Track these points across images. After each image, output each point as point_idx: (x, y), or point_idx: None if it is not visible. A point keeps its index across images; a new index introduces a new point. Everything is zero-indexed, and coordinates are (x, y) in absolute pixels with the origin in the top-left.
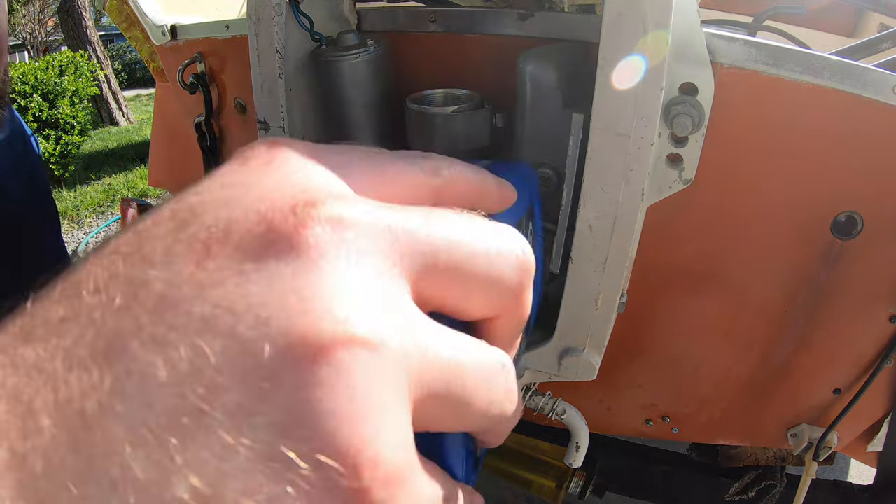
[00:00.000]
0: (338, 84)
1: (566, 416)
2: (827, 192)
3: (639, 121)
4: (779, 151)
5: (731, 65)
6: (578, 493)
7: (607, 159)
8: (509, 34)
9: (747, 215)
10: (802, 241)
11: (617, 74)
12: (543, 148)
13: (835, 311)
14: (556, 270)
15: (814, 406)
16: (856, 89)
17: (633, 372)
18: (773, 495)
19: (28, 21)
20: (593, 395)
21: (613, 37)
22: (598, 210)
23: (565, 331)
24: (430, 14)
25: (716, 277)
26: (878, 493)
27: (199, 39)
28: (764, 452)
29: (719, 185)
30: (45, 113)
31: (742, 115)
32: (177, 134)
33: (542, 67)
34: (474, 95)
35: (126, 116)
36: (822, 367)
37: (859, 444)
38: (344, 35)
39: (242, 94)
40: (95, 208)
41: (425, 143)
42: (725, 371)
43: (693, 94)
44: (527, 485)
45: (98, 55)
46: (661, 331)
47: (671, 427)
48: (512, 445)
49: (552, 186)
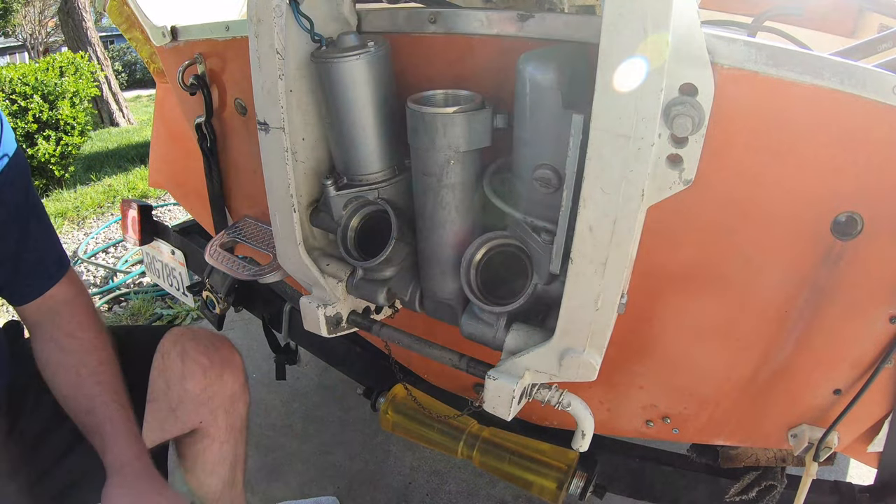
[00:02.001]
0: (338, 85)
1: (571, 406)
2: (827, 192)
3: (639, 122)
4: (779, 152)
5: (732, 65)
6: (579, 494)
7: (607, 160)
8: (509, 35)
9: (747, 216)
10: (802, 241)
11: (617, 76)
12: (543, 149)
13: (835, 311)
14: (556, 271)
15: (814, 406)
16: (856, 89)
17: (633, 373)
18: (773, 496)
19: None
20: (593, 396)
21: (613, 38)
22: (599, 211)
23: (565, 331)
24: (430, 15)
25: (716, 278)
26: (878, 494)
27: (200, 40)
28: (764, 453)
29: (719, 185)
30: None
31: (742, 116)
32: (177, 135)
33: (542, 68)
34: (475, 96)
35: (126, 117)
36: (822, 367)
37: (859, 444)
38: (344, 36)
39: (243, 95)
40: (96, 209)
41: (426, 144)
42: (726, 372)
43: (693, 94)
44: (527, 485)
45: (98, 56)
46: (661, 332)
47: (672, 428)
48: (512, 446)
49: (552, 187)
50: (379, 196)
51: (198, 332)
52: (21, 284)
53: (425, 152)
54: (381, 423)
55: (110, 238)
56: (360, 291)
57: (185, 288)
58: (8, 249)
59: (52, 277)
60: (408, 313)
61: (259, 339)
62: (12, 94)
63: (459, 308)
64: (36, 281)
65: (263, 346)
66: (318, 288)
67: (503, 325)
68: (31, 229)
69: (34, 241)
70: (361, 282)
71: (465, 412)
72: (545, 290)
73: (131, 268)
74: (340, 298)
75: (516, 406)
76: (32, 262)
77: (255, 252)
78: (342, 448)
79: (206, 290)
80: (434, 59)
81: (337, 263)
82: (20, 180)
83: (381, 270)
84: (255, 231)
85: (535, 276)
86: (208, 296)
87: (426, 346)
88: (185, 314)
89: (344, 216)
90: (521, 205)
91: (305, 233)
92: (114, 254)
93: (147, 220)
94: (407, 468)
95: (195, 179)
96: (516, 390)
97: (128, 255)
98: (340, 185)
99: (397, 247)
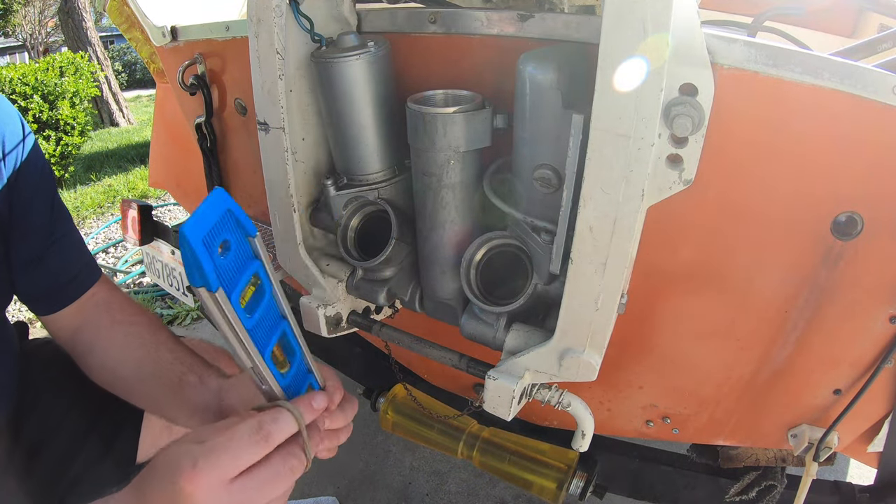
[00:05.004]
0: (338, 85)
1: (571, 406)
2: (827, 192)
3: (639, 122)
4: (779, 152)
5: (732, 65)
6: (579, 494)
7: (607, 160)
8: (509, 35)
9: (747, 216)
10: (803, 241)
11: (617, 76)
12: (543, 149)
13: (835, 311)
14: (556, 271)
15: (814, 406)
16: (856, 90)
17: (633, 373)
18: (773, 496)
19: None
20: (593, 396)
21: (613, 38)
22: (599, 211)
23: (565, 331)
24: (430, 15)
25: (716, 278)
26: (878, 494)
27: (200, 41)
28: (764, 453)
29: (719, 185)
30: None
31: (742, 116)
32: (177, 135)
33: (542, 68)
34: (475, 96)
35: (126, 117)
36: (822, 367)
37: (860, 444)
38: (344, 36)
39: (243, 95)
40: (96, 209)
41: (426, 144)
42: (726, 372)
43: (693, 94)
44: (527, 485)
45: (98, 56)
46: (661, 332)
47: (672, 428)
48: (512, 446)
49: (552, 187)
50: (379, 196)
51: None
52: (58, 288)
53: (425, 152)
54: (381, 423)
55: (110, 238)
56: (360, 291)
57: (185, 288)
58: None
59: (91, 274)
60: (408, 313)
61: None
62: (12, 94)
63: (459, 308)
64: (71, 285)
65: None
66: (318, 288)
67: (503, 326)
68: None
69: (66, 245)
70: (361, 282)
71: (465, 412)
72: (545, 290)
73: (131, 268)
74: (340, 298)
75: (516, 406)
76: (66, 265)
77: None
78: (342, 448)
79: None
80: (434, 59)
81: (337, 263)
82: (46, 188)
83: (381, 270)
84: None
85: (535, 276)
86: None
87: (426, 346)
88: (185, 314)
89: (344, 216)
90: (521, 205)
91: (305, 233)
92: (114, 254)
93: (147, 220)
94: (407, 468)
95: (195, 179)
96: (516, 390)
97: (128, 255)
98: (340, 185)
99: (397, 247)
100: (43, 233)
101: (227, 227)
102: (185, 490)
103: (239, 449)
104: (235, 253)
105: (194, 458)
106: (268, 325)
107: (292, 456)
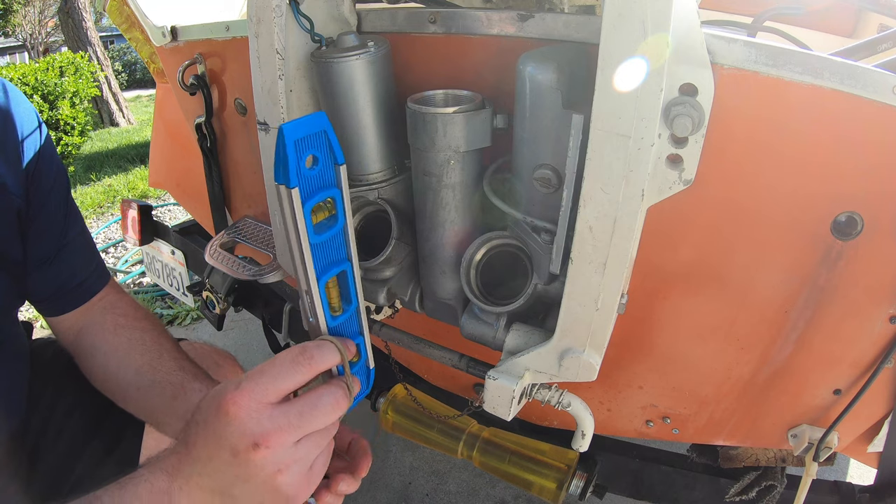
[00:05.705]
0: (338, 85)
1: (571, 407)
2: (827, 192)
3: (639, 122)
4: (779, 152)
5: (732, 65)
6: (579, 494)
7: (607, 160)
8: (509, 35)
9: (747, 216)
10: (802, 241)
11: (617, 76)
12: (543, 149)
13: (835, 311)
14: (556, 271)
15: (814, 406)
16: (856, 90)
17: (633, 373)
18: (773, 496)
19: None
20: (593, 396)
21: (613, 38)
22: (599, 211)
23: (565, 331)
24: (430, 15)
25: (715, 278)
26: (878, 494)
27: (200, 40)
28: (764, 453)
29: (719, 185)
30: (46, 114)
31: (742, 116)
32: (177, 135)
33: (542, 68)
34: (475, 96)
35: (126, 117)
36: (822, 367)
37: (860, 444)
38: (344, 36)
39: (243, 95)
40: (96, 209)
41: (426, 144)
42: (726, 372)
43: (693, 94)
44: (527, 485)
45: (98, 56)
46: (661, 332)
47: (671, 428)
48: (512, 446)
49: (552, 187)
50: (379, 196)
51: (200, 348)
52: (66, 291)
53: (425, 152)
54: (381, 423)
55: (110, 238)
56: None
57: (185, 288)
58: (52, 254)
59: (100, 278)
60: (408, 313)
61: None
62: None
63: (459, 308)
64: (80, 289)
65: (263, 346)
66: None
67: (503, 326)
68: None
69: (78, 247)
70: (361, 282)
71: (465, 412)
72: (545, 290)
73: (131, 268)
74: None
75: (516, 406)
76: (77, 268)
77: (255, 252)
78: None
79: (206, 290)
80: (434, 59)
81: None
82: (61, 187)
83: (381, 270)
84: (255, 231)
85: (535, 276)
86: (208, 296)
87: (426, 346)
88: (185, 314)
89: None
90: (521, 205)
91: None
92: (114, 254)
93: (147, 220)
94: (407, 468)
95: (195, 179)
96: (516, 390)
97: (128, 255)
98: None
99: (397, 247)
100: (57, 232)
101: (319, 145)
102: (228, 412)
103: (282, 369)
104: (320, 172)
105: (237, 382)
106: (330, 255)
107: (337, 388)
